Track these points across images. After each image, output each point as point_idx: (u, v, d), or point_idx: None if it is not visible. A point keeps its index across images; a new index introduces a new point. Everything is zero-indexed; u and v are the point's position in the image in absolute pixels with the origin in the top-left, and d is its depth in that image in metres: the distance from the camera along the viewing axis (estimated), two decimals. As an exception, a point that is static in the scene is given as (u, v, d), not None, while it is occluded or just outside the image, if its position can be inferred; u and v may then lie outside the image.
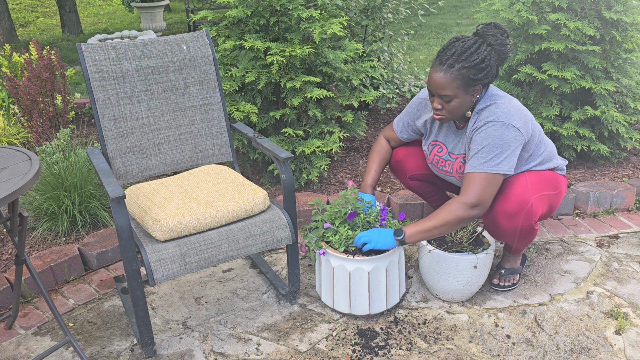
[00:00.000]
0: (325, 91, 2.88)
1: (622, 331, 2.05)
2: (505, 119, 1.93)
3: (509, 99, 2.00)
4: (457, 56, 1.89)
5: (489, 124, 1.94)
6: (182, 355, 2.00)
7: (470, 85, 1.91)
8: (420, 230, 1.96)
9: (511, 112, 1.94)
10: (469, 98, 1.95)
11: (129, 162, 2.22)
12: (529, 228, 2.05)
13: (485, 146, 1.93)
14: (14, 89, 3.55)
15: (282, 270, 2.50)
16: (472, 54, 1.89)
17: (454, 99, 1.93)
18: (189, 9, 6.49)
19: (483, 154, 1.93)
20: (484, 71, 1.90)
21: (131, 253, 1.79)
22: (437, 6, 4.45)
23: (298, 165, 3.05)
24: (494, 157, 1.92)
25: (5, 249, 2.58)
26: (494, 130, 1.92)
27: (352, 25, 3.74)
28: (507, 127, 1.92)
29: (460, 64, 1.88)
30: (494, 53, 1.92)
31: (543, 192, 2.08)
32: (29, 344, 2.07)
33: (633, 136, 3.08)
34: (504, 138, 1.92)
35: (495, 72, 1.95)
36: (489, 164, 1.92)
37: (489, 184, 1.92)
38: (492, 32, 1.94)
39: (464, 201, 1.92)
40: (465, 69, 1.88)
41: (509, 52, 1.95)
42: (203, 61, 2.34)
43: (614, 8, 2.91)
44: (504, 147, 1.92)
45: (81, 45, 2.14)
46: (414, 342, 2.03)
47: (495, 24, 1.96)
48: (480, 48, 1.90)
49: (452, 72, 1.89)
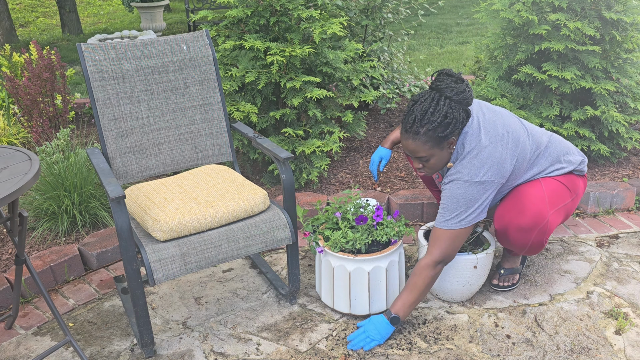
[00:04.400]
0: (325, 91, 2.88)
1: (622, 331, 2.05)
2: (470, 177, 1.92)
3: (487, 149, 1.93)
4: (419, 121, 1.87)
5: (453, 182, 1.95)
6: (182, 355, 2.00)
7: (442, 142, 1.91)
8: (408, 305, 1.99)
9: (478, 167, 1.91)
10: (446, 152, 1.95)
11: (129, 162, 2.22)
12: (540, 243, 2.07)
13: (448, 205, 1.95)
14: (14, 88, 3.55)
15: (282, 270, 2.50)
16: (432, 114, 1.86)
17: (431, 157, 1.94)
18: (189, 9, 6.49)
19: (447, 211, 1.95)
20: (450, 125, 1.87)
21: (131, 253, 1.79)
22: (437, 6, 4.45)
23: (298, 165, 3.06)
24: (457, 214, 1.94)
25: (5, 249, 2.58)
26: (457, 189, 1.93)
27: (352, 25, 3.74)
28: (471, 184, 1.92)
29: (424, 127, 1.87)
30: (454, 104, 1.87)
31: (560, 205, 2.07)
32: (29, 344, 2.07)
33: (633, 136, 3.08)
34: (467, 195, 1.92)
35: (464, 115, 1.91)
36: (452, 221, 1.95)
37: (453, 241, 1.97)
38: (446, 84, 1.88)
39: (429, 261, 1.97)
40: (431, 130, 1.87)
41: (469, 95, 1.89)
42: (203, 61, 2.34)
43: (614, 8, 2.91)
44: (468, 204, 1.93)
45: (81, 45, 2.14)
46: (413, 342, 2.03)
47: (446, 72, 1.91)
48: (438, 105, 1.87)
49: (420, 137, 1.89)
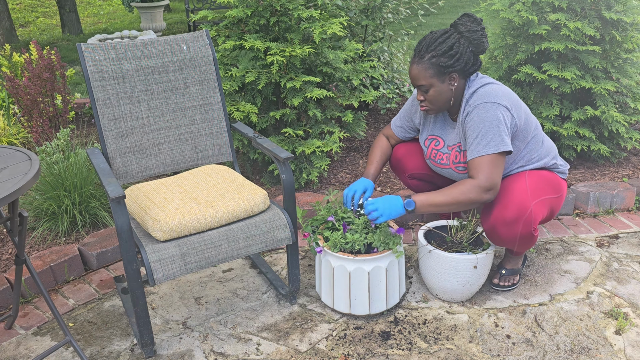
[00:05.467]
0: (325, 91, 2.88)
1: (622, 331, 2.05)
2: (494, 99, 1.97)
3: (498, 84, 2.04)
4: (426, 46, 1.99)
5: (479, 106, 1.98)
6: (182, 355, 2.00)
7: (443, 74, 1.98)
8: (431, 203, 1.97)
9: (499, 94, 1.99)
10: (446, 86, 2.01)
11: (129, 162, 2.22)
12: (529, 234, 2.05)
13: (481, 129, 1.96)
14: (14, 88, 3.55)
15: (282, 270, 2.50)
16: (440, 43, 1.97)
17: (430, 88, 2.01)
18: (189, 9, 6.49)
19: (482, 137, 1.96)
20: (454, 58, 1.96)
21: (131, 253, 1.79)
22: (437, 6, 4.45)
23: (298, 165, 3.06)
24: (493, 137, 1.95)
25: (5, 249, 2.58)
26: (485, 112, 1.96)
27: (352, 25, 3.74)
28: (497, 106, 1.96)
29: (430, 53, 1.97)
30: (463, 40, 1.98)
31: (543, 197, 2.09)
32: (29, 344, 2.07)
33: (633, 136, 3.08)
34: (498, 117, 1.95)
35: (473, 59, 2.00)
36: (491, 145, 1.95)
37: (495, 166, 1.95)
38: (462, 22, 2.00)
39: (478, 184, 1.94)
40: (435, 58, 1.96)
41: (481, 38, 1.98)
42: (203, 61, 2.34)
43: (614, 8, 2.91)
44: (500, 126, 1.95)
45: (81, 45, 2.14)
46: (413, 342, 2.03)
47: (469, 14, 2.02)
48: (449, 37, 1.98)
49: (424, 62, 1.98)
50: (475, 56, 2.01)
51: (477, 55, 2.01)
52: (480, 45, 1.99)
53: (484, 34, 1.98)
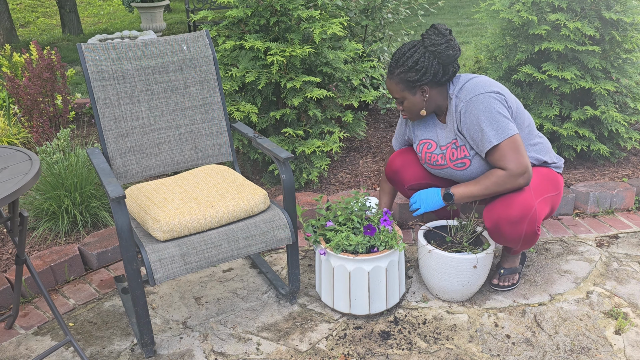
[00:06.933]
0: (325, 91, 2.88)
1: (621, 331, 2.05)
2: (484, 89, 2.00)
3: (483, 76, 2.07)
4: (395, 62, 2.04)
5: (472, 101, 2.00)
6: (182, 355, 2.00)
7: (412, 87, 2.04)
8: (469, 195, 2.03)
9: (487, 84, 2.02)
10: (418, 98, 2.06)
11: (129, 162, 2.22)
12: (533, 233, 2.06)
13: (485, 121, 1.97)
14: (15, 89, 3.55)
15: (282, 270, 2.51)
16: (408, 58, 2.01)
17: (404, 100, 2.08)
18: (189, 9, 6.49)
19: (489, 128, 1.97)
20: (420, 72, 2.00)
21: (131, 253, 1.80)
22: (437, 6, 4.45)
23: (298, 165, 3.06)
24: (499, 124, 1.96)
25: (6, 249, 2.58)
26: (481, 104, 1.98)
27: (352, 26, 3.75)
28: (490, 95, 1.98)
29: (398, 69, 2.03)
30: (429, 54, 1.99)
31: (546, 195, 2.11)
32: (29, 344, 2.07)
33: (633, 136, 3.08)
34: (495, 105, 1.98)
35: (442, 70, 2.01)
36: (502, 132, 1.96)
37: (516, 149, 1.97)
38: (427, 35, 2.02)
39: (510, 174, 1.96)
40: (403, 73, 2.02)
41: (447, 50, 1.99)
42: (203, 61, 2.34)
43: (614, 8, 2.91)
44: (500, 111, 1.98)
45: (81, 45, 2.14)
46: (413, 341, 2.03)
47: (435, 26, 2.03)
48: (416, 52, 2.01)
49: (394, 77, 2.05)
50: (445, 67, 2.01)
51: (447, 66, 2.02)
52: (446, 57, 1.99)
53: (450, 45, 1.98)
